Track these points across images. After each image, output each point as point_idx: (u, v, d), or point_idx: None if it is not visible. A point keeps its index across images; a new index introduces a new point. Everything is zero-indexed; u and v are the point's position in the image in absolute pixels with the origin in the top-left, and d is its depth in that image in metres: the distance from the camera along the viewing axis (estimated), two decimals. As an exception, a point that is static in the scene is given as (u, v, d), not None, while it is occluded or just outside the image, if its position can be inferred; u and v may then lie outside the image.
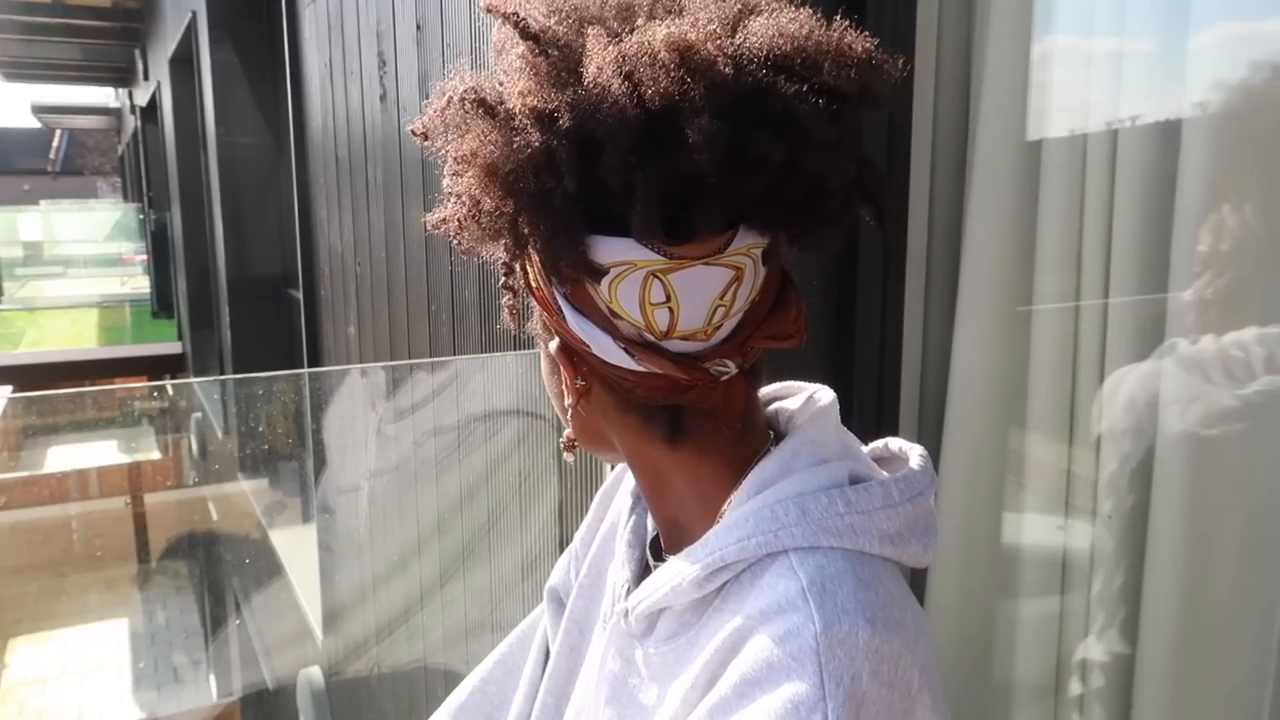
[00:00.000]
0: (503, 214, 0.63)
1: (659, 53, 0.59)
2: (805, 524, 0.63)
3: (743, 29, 0.61)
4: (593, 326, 0.65)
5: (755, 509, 0.65)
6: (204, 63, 5.41)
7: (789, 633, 0.59)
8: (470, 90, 0.64)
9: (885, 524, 0.64)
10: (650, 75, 0.58)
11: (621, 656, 0.73)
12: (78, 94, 44.11)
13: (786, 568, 0.62)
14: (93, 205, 26.14)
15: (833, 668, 0.57)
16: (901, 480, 0.67)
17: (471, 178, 0.64)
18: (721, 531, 0.65)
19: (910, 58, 1.30)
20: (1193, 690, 1.11)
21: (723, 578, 0.65)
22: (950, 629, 1.37)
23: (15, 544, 4.31)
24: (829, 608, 0.59)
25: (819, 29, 0.63)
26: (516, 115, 0.61)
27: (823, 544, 0.63)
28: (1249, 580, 1.07)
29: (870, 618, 0.60)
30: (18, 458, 4.22)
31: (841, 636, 0.58)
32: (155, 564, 5.19)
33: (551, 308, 0.66)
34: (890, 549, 0.65)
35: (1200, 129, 1.06)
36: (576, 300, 0.65)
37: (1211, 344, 1.08)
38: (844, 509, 0.64)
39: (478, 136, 0.63)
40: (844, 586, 0.61)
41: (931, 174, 1.33)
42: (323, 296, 4.07)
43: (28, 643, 6.02)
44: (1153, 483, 1.12)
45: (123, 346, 12.04)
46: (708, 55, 0.59)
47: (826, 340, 1.35)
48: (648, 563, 0.77)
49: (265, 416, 3.42)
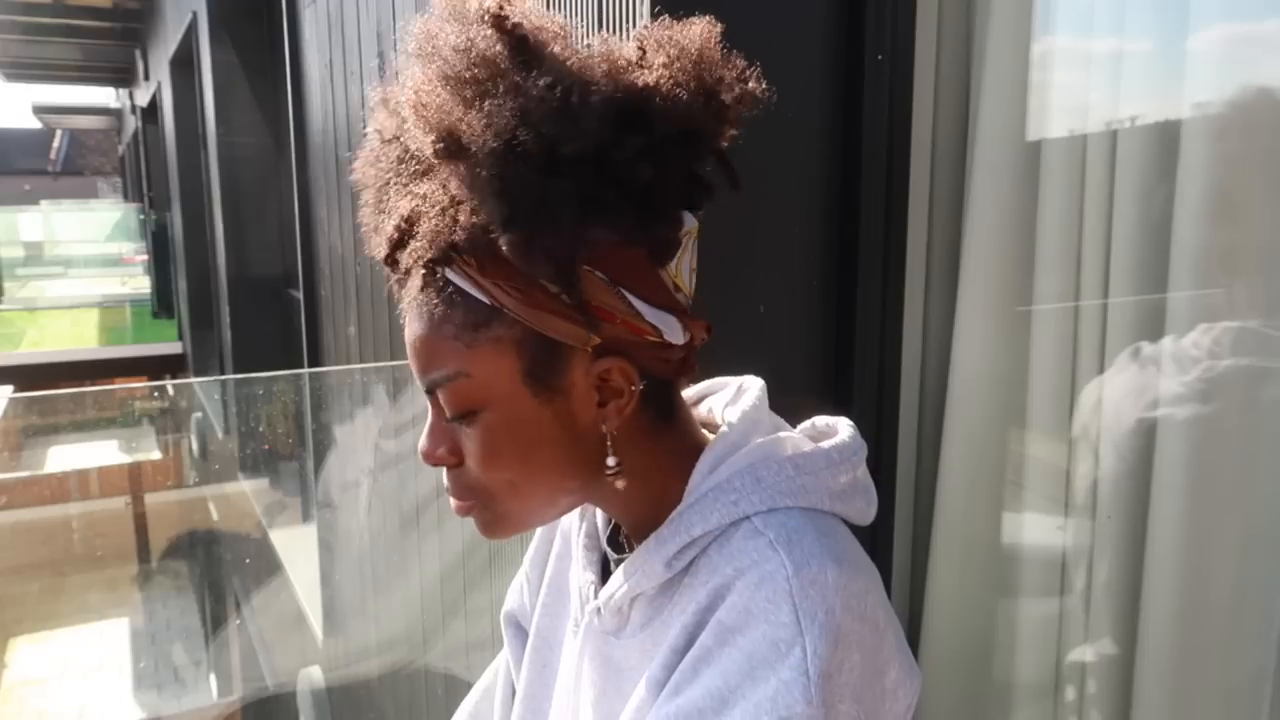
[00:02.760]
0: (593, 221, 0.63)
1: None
2: (761, 490, 0.68)
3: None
4: (664, 312, 0.68)
5: (712, 485, 0.69)
6: (204, 63, 5.40)
7: (762, 579, 0.63)
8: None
9: (831, 482, 0.70)
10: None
11: (600, 655, 0.75)
12: (78, 94, 44.15)
13: (751, 530, 0.67)
14: (93, 205, 26.13)
15: (806, 605, 0.62)
16: (837, 446, 0.73)
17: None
18: (684, 511, 0.69)
19: (910, 58, 1.30)
20: (1193, 690, 1.11)
21: (690, 554, 0.69)
22: (950, 629, 1.37)
23: (15, 544, 4.31)
24: (797, 554, 0.64)
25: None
26: (587, 115, 0.62)
27: (780, 505, 0.68)
28: (1249, 580, 1.07)
29: (836, 558, 0.65)
30: (18, 458, 4.21)
31: (812, 576, 0.63)
32: (155, 564, 5.19)
33: (617, 315, 0.66)
34: (839, 505, 0.71)
35: (1200, 129, 1.06)
36: (647, 292, 0.67)
37: (1212, 343, 1.08)
38: (794, 472, 0.69)
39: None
40: (807, 536, 0.66)
41: (931, 174, 1.33)
42: (323, 296, 4.07)
43: (28, 643, 6.02)
44: (1152, 482, 1.12)
45: (123, 346, 12.03)
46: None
47: (826, 340, 1.35)
48: (607, 560, 0.79)
49: (265, 416, 3.42)
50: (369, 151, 0.70)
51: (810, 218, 1.31)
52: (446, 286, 0.66)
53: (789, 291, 1.31)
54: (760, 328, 1.29)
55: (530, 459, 0.69)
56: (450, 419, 0.70)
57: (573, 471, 0.71)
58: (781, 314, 1.31)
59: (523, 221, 0.62)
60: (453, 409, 0.69)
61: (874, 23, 1.27)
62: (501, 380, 0.67)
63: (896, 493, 1.39)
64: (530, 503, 0.72)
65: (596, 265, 0.65)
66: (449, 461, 0.72)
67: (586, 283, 0.65)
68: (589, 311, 0.65)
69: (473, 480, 0.71)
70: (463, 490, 0.73)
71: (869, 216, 1.31)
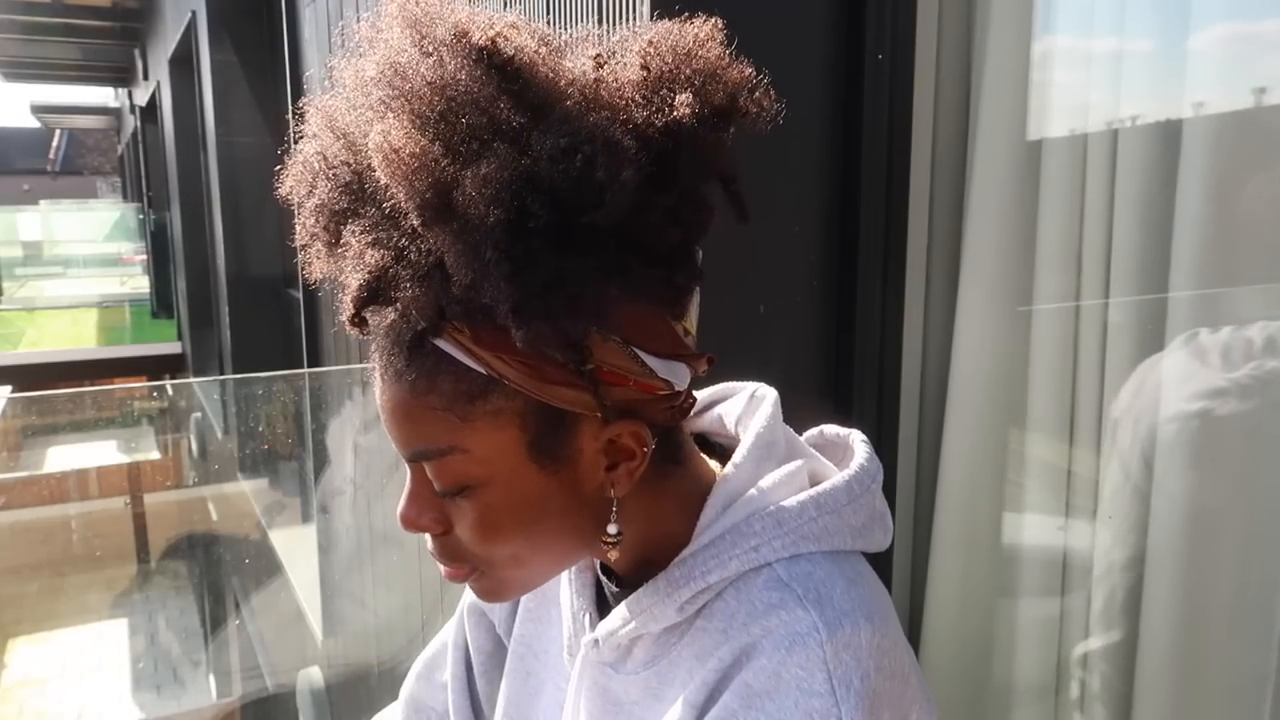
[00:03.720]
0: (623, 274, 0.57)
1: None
2: (783, 535, 0.64)
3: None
4: (674, 362, 0.62)
5: (730, 526, 0.65)
6: (204, 62, 5.40)
7: (794, 643, 0.59)
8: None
9: (852, 519, 0.66)
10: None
11: (597, 687, 0.71)
12: (77, 94, 44.07)
13: (774, 580, 0.63)
14: (92, 205, 26.12)
15: (841, 673, 0.58)
16: (858, 475, 0.68)
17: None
18: (700, 553, 0.64)
19: (910, 58, 1.30)
20: (1193, 690, 1.11)
21: (704, 598, 0.65)
22: (950, 629, 1.37)
23: (15, 544, 4.31)
24: (829, 613, 0.60)
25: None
26: (614, 187, 0.54)
27: (803, 550, 0.64)
28: (1249, 580, 1.07)
29: (868, 614, 0.61)
30: (17, 458, 4.21)
31: (846, 640, 0.59)
32: (155, 564, 5.18)
33: (629, 378, 0.60)
34: (860, 541, 0.67)
35: (1200, 129, 1.06)
36: (658, 345, 0.61)
37: (1212, 343, 1.08)
38: (816, 513, 0.65)
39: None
40: (836, 588, 0.62)
41: (931, 174, 1.33)
42: (322, 296, 4.07)
43: (27, 643, 6.02)
44: (1153, 482, 1.12)
45: (122, 346, 12.02)
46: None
47: (827, 340, 1.35)
48: (600, 585, 0.75)
49: (265, 416, 3.42)
50: (306, 168, 0.61)
51: (810, 218, 1.31)
52: (432, 353, 0.59)
53: (789, 291, 1.31)
54: (760, 328, 1.29)
55: (534, 531, 0.63)
56: (440, 493, 0.63)
57: (580, 539, 0.65)
58: (781, 314, 1.30)
59: (536, 307, 0.55)
60: (444, 484, 0.62)
61: (874, 23, 1.27)
62: (502, 455, 0.60)
63: (897, 493, 1.39)
64: (535, 570, 0.67)
65: (608, 328, 0.58)
66: (435, 530, 0.66)
67: (597, 349, 0.58)
68: (599, 379, 0.59)
69: (466, 551, 0.65)
70: (453, 557, 0.66)
71: (869, 216, 1.31)
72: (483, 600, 0.69)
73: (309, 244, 0.62)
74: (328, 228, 0.60)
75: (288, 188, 0.63)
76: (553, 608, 0.81)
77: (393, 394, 0.61)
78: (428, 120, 0.55)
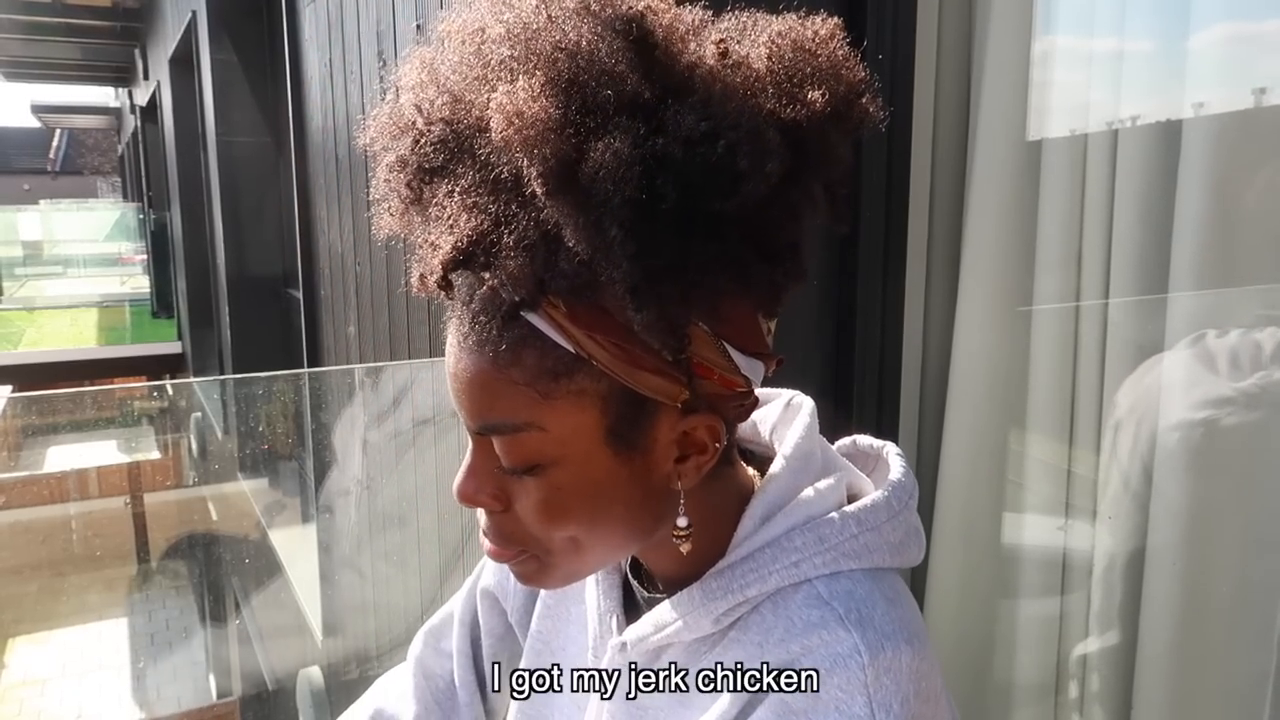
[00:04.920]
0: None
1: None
2: (824, 551, 0.63)
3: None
4: (756, 360, 0.61)
5: (769, 539, 0.64)
6: (204, 62, 5.40)
7: (835, 664, 0.59)
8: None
9: (891, 536, 0.65)
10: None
11: (623, 691, 0.71)
12: (77, 93, 44.08)
13: (814, 597, 0.62)
14: (92, 205, 26.14)
15: (881, 696, 0.58)
16: (895, 490, 0.67)
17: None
18: (739, 565, 0.64)
19: (910, 58, 1.30)
20: (1192, 690, 1.11)
21: (740, 611, 0.64)
22: (950, 629, 1.37)
23: (15, 544, 4.31)
24: (871, 635, 0.59)
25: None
26: (754, 176, 0.53)
27: (843, 568, 0.63)
28: (1249, 580, 1.07)
29: (909, 637, 0.60)
30: (17, 458, 4.21)
31: (887, 663, 0.58)
32: (155, 564, 5.18)
33: (715, 371, 0.59)
34: (898, 558, 0.66)
35: (1200, 129, 1.06)
36: (745, 341, 0.60)
37: (1212, 343, 1.08)
38: (857, 529, 0.64)
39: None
40: (877, 609, 0.61)
41: (931, 174, 1.33)
42: (323, 296, 4.07)
43: (27, 643, 6.02)
44: (1153, 482, 1.12)
45: (122, 346, 12.03)
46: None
47: (827, 339, 1.35)
48: (628, 586, 0.74)
49: (265, 416, 3.42)
50: (396, 120, 0.59)
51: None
52: (522, 325, 0.57)
53: (789, 291, 1.31)
54: (760, 327, 1.28)
55: (599, 518, 0.62)
56: (507, 470, 0.61)
57: (640, 529, 0.64)
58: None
59: (653, 291, 0.53)
60: (512, 460, 0.60)
61: (874, 23, 1.27)
62: (580, 437, 0.59)
63: (896, 493, 1.39)
64: (588, 559, 0.65)
65: (706, 319, 0.57)
66: (493, 507, 0.64)
67: (693, 338, 0.57)
68: (689, 369, 0.57)
69: (523, 531, 0.63)
70: (507, 539, 0.64)
71: (869, 216, 1.31)
72: (525, 584, 0.68)
73: (385, 198, 0.60)
74: (411, 184, 0.58)
75: (369, 137, 0.61)
76: (573, 606, 0.80)
77: (471, 363, 0.58)
78: (557, 86, 0.53)
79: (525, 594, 0.86)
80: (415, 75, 0.59)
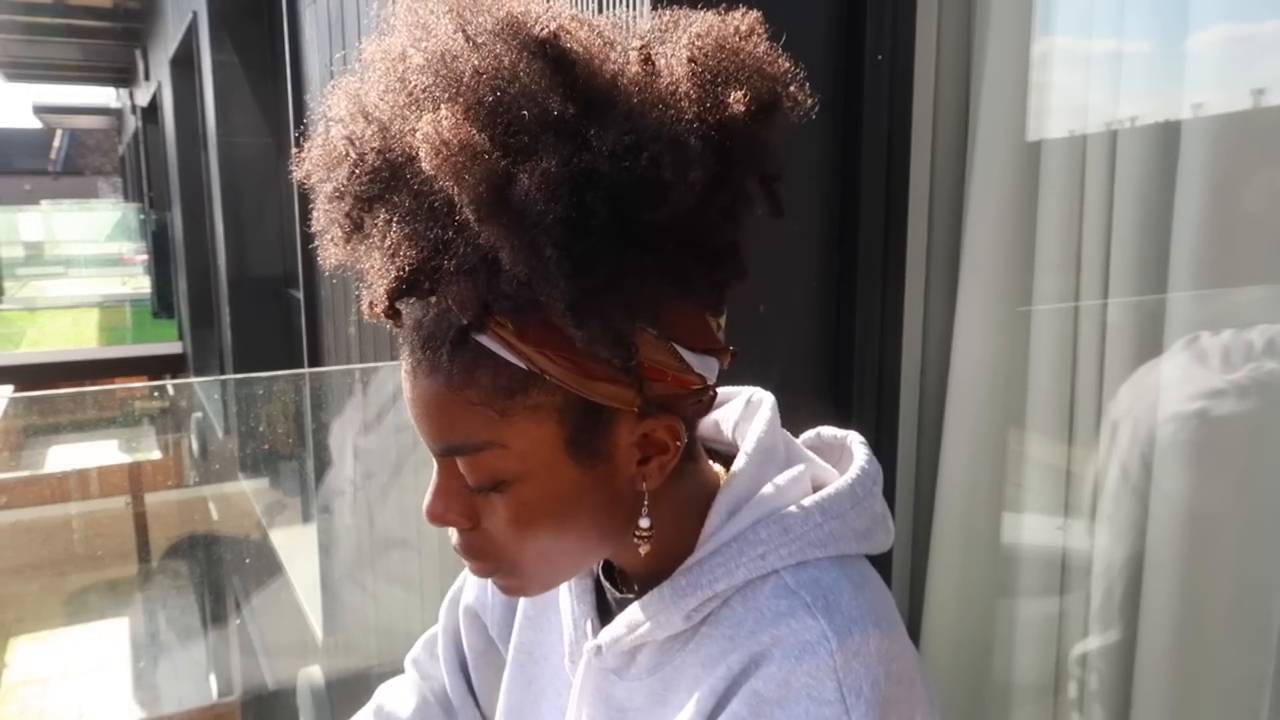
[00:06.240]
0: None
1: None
2: (790, 542, 0.64)
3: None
4: (708, 356, 0.62)
5: (735, 533, 0.64)
6: (204, 63, 5.40)
7: (803, 651, 0.59)
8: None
9: (856, 523, 0.66)
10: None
11: (600, 693, 0.71)
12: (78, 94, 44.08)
13: (781, 587, 0.63)
14: (93, 205, 26.15)
15: (851, 680, 0.58)
16: (860, 478, 0.68)
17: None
18: (707, 561, 0.64)
19: (910, 58, 1.30)
20: (1191, 690, 1.11)
21: (711, 606, 0.65)
22: (950, 629, 1.37)
23: (15, 544, 4.31)
24: (838, 620, 0.60)
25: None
26: (679, 184, 0.54)
27: (809, 557, 0.64)
28: (1247, 581, 1.07)
29: (876, 620, 0.61)
30: (18, 458, 4.21)
31: (855, 648, 0.59)
32: (155, 564, 5.18)
33: (668, 373, 0.60)
34: (864, 545, 0.67)
35: (1199, 130, 1.06)
36: (695, 340, 0.61)
37: (1212, 343, 1.08)
38: (821, 518, 0.65)
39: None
40: (844, 595, 0.62)
41: (931, 174, 1.33)
42: (323, 296, 4.07)
43: (28, 642, 6.02)
44: (1152, 482, 1.12)
45: (123, 346, 12.03)
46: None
47: (827, 340, 1.35)
48: (601, 590, 0.75)
49: (265, 416, 3.42)
50: (329, 152, 0.59)
51: (810, 218, 1.31)
52: (472, 347, 0.57)
53: (789, 292, 1.31)
54: (760, 328, 1.29)
55: (567, 527, 0.63)
56: (473, 489, 0.62)
57: (610, 533, 0.65)
58: (782, 314, 1.31)
59: (593, 305, 0.54)
60: (477, 479, 0.61)
61: (874, 23, 1.27)
62: (541, 450, 0.60)
63: (896, 493, 1.39)
64: (561, 565, 0.66)
65: (651, 324, 0.58)
66: (463, 525, 0.64)
67: (641, 345, 0.58)
68: (640, 374, 0.58)
69: (495, 546, 0.64)
70: (479, 554, 0.65)
71: (869, 216, 1.31)
72: (507, 595, 0.69)
73: (326, 229, 0.61)
74: (350, 214, 0.59)
75: (305, 171, 0.61)
76: (553, 614, 0.81)
77: (427, 388, 0.60)
78: (480, 111, 0.53)
79: (504, 606, 0.86)
80: (344, 106, 0.59)
